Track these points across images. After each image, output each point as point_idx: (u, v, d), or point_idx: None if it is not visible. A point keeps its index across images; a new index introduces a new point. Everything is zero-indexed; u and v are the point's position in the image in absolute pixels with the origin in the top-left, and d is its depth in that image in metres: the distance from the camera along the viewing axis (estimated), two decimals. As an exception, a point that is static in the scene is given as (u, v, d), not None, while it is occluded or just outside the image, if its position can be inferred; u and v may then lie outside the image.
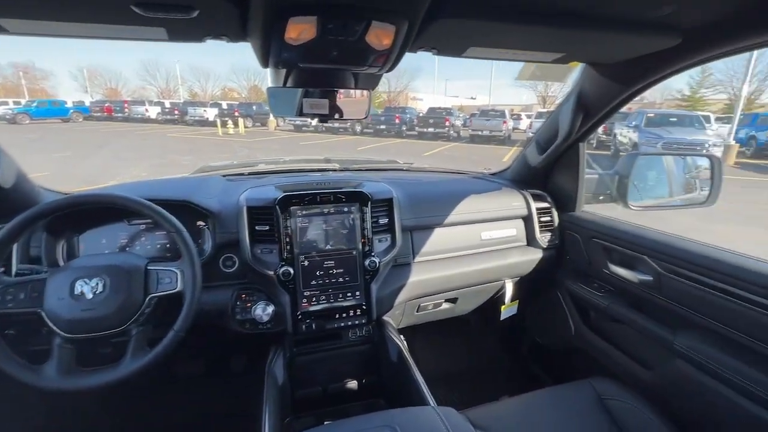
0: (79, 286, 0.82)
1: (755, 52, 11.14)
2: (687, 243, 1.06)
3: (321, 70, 0.85)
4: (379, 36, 0.66)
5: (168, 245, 1.13)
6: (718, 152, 9.81)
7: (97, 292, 0.83)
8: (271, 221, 1.10)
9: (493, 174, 1.73)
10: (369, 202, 1.17)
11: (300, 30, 0.62)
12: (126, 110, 23.84)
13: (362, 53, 0.72)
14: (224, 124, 17.69)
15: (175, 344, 0.87)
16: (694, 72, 27.87)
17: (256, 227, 1.09)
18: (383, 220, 1.20)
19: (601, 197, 1.51)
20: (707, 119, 12.27)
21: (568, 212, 1.46)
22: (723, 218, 5.40)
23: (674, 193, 1.44)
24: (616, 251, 1.25)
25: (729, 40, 0.74)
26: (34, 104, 21.45)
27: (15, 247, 0.96)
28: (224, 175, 1.42)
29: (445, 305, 1.43)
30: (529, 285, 1.50)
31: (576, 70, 1.12)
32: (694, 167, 1.41)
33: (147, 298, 0.87)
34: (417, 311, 1.38)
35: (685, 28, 0.74)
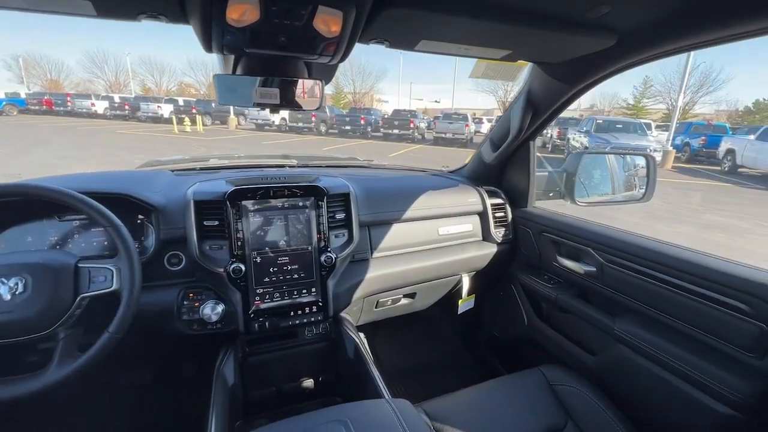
0: (-5, 287, 0.74)
1: (688, 68, 12.25)
2: (626, 235, 1.13)
3: (271, 58, 0.82)
4: (327, 22, 0.64)
5: (106, 243, 1.04)
6: (657, 157, 10.67)
7: (17, 292, 0.75)
8: (221, 216, 1.05)
9: (451, 172, 1.77)
10: (325, 197, 1.15)
11: (242, 11, 0.59)
12: (69, 104, 22.08)
13: (311, 40, 0.70)
14: (181, 122, 16.87)
15: (111, 348, 0.80)
16: (638, 83, 30.27)
17: (205, 222, 1.04)
18: (340, 215, 1.18)
19: (551, 194, 1.58)
20: (649, 127, 13.35)
21: (521, 208, 1.51)
22: (662, 217, 5.88)
23: (616, 189, 1.54)
24: (564, 244, 1.31)
25: (660, 42, 0.80)
26: (-40, 94, 19.36)
27: None
28: (173, 170, 1.34)
29: (404, 300, 1.44)
30: (484, 279, 1.54)
31: (525, 70, 1.17)
32: (633, 165, 1.52)
33: (77, 299, 0.79)
34: (375, 307, 1.37)
35: (620, 29, 0.79)
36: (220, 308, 1.03)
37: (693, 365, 0.92)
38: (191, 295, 1.04)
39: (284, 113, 19.64)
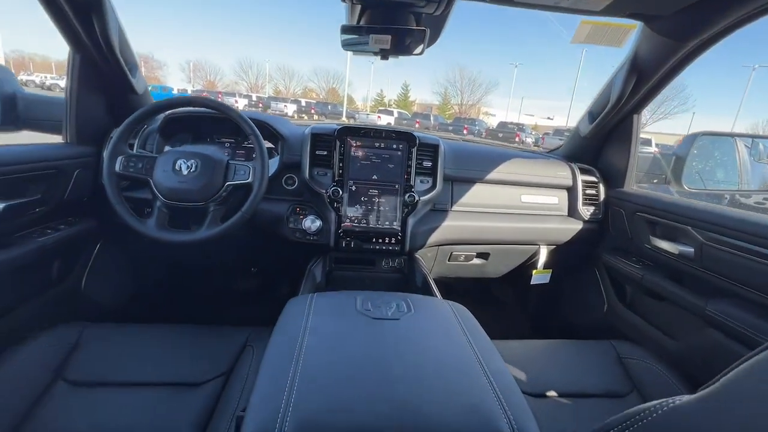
0: (179, 164, 1.05)
1: None
2: (732, 211, 1.03)
3: (387, 8, 1.00)
4: None
5: (245, 161, 1.35)
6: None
7: (191, 170, 1.06)
8: (330, 148, 1.27)
9: (547, 152, 1.76)
10: (416, 145, 1.29)
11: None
12: (219, 100, 26.71)
13: None
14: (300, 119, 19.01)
15: (241, 224, 1.07)
16: (825, 110, 23.98)
17: (317, 152, 1.27)
18: (427, 163, 1.31)
19: (654, 180, 1.48)
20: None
21: (617, 188, 1.45)
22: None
23: (743, 178, 1.36)
24: (659, 224, 1.23)
25: None
26: (149, 88, 24.98)
27: (137, 140, 1.25)
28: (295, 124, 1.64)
29: (477, 260, 1.50)
30: (564, 256, 1.51)
31: (633, 34, 1.14)
32: (766, 154, 1.33)
33: (225, 184, 1.08)
34: (449, 260, 1.46)
35: None
36: (318, 223, 1.25)
37: None
38: (298, 209, 1.28)
39: (390, 118, 20.67)
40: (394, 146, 1.29)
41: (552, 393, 0.96)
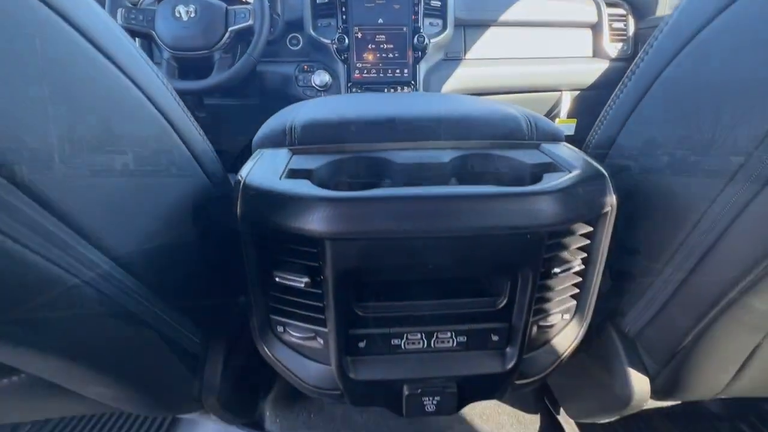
0: (178, 9, 1.03)
1: None
2: None
3: None
4: None
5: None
6: None
7: (191, 15, 1.04)
8: None
9: None
10: None
11: None
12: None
13: None
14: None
15: (249, 68, 1.06)
16: None
17: (317, 1, 1.21)
18: (435, 2, 1.22)
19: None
20: None
21: (648, 17, 1.31)
22: None
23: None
24: None
25: None
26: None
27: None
28: None
29: (496, 118, 1.44)
30: (591, 104, 1.42)
31: None
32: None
33: (227, 30, 1.06)
34: None
35: None
36: (326, 77, 1.23)
37: None
38: (306, 68, 1.25)
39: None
40: None
41: None
